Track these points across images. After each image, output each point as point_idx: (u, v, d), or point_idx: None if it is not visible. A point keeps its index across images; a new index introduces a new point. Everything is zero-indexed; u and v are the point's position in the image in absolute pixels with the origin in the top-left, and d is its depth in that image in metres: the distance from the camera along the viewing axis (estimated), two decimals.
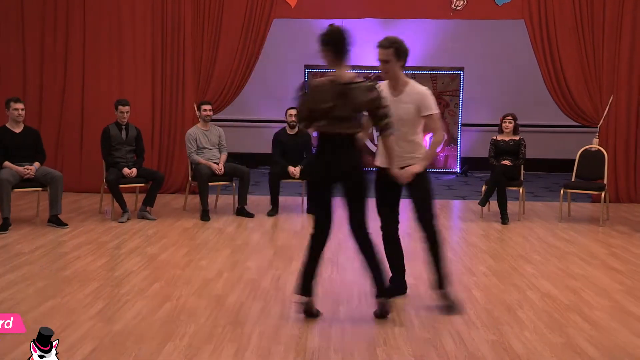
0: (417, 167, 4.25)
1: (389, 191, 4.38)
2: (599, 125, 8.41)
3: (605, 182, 7.48)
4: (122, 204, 7.03)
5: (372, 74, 11.68)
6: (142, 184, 7.35)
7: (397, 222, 4.59)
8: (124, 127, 7.24)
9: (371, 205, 4.20)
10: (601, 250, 6.12)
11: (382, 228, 4.54)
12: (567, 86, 8.56)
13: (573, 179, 7.67)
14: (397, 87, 4.31)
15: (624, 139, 8.57)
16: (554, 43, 8.53)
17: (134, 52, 8.77)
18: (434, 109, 4.28)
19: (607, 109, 8.41)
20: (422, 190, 4.31)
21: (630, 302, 4.53)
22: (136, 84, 8.75)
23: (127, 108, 7.21)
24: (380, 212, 4.50)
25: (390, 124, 4.00)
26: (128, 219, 7.02)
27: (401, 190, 4.38)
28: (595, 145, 7.90)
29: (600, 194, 7.36)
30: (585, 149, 7.78)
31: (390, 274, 4.51)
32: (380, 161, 4.37)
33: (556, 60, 8.56)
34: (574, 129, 10.42)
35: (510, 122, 7.49)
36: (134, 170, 7.15)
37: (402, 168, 4.23)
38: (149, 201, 7.20)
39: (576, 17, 8.46)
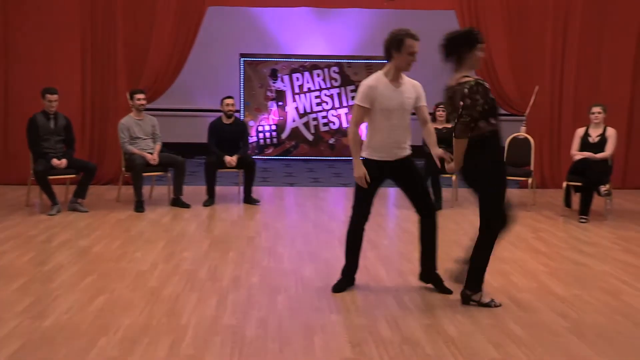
0: (445, 154, 4.36)
1: (375, 184, 4.38)
2: (526, 114, 8.73)
3: (532, 168, 7.77)
4: (52, 196, 6.80)
5: (307, 62, 11.72)
6: (73, 175, 7.13)
7: None
8: (52, 116, 6.99)
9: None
10: (528, 234, 6.37)
11: (363, 221, 4.44)
12: (497, 76, 8.83)
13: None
14: (398, 79, 4.31)
15: (548, 127, 8.94)
16: (484, 33, 8.72)
17: (62, 37, 8.43)
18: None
19: (533, 98, 8.72)
20: (422, 180, 4.50)
21: (553, 283, 4.74)
22: (65, 70, 8.43)
23: (55, 97, 6.95)
24: (366, 205, 4.42)
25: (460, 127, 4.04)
26: (58, 212, 6.80)
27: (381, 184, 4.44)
28: (522, 133, 8.19)
29: (527, 180, 7.65)
30: (514, 137, 8.06)
31: (352, 268, 4.55)
32: (368, 153, 4.35)
33: (486, 50, 8.77)
34: (503, 118, 10.71)
35: (443, 111, 7.66)
36: (64, 161, 6.92)
37: (405, 158, 4.36)
38: (80, 193, 6.99)
39: (504, 9, 8.73)
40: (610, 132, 7.07)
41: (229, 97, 7.81)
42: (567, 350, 3.57)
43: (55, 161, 6.85)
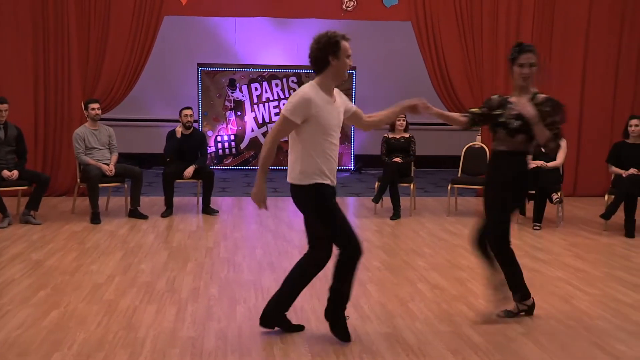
0: None
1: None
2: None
3: None
4: (2, 208, 6.62)
5: (266, 72, 11.72)
6: (25, 187, 6.95)
7: None
8: (2, 126, 6.81)
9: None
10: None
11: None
12: (452, 86, 9.00)
13: (459, 175, 8.07)
14: (333, 91, 3.78)
15: None
16: (439, 44, 8.93)
17: (12, 44, 8.20)
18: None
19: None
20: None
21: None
22: (15, 79, 8.20)
23: (5, 106, 6.78)
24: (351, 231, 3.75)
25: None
26: (9, 224, 6.61)
27: None
28: (478, 142, 8.36)
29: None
30: (470, 146, 8.21)
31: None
32: (321, 178, 3.72)
33: (442, 61, 8.97)
34: (459, 127, 10.95)
35: (403, 120, 7.76)
36: (15, 172, 6.74)
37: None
38: (32, 205, 6.82)
39: (458, 20, 8.93)
40: (561, 141, 7.26)
41: (188, 107, 7.75)
42: (522, 355, 3.64)
43: (6, 173, 6.67)
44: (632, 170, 6.86)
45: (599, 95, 9.34)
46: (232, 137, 11.74)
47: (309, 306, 4.37)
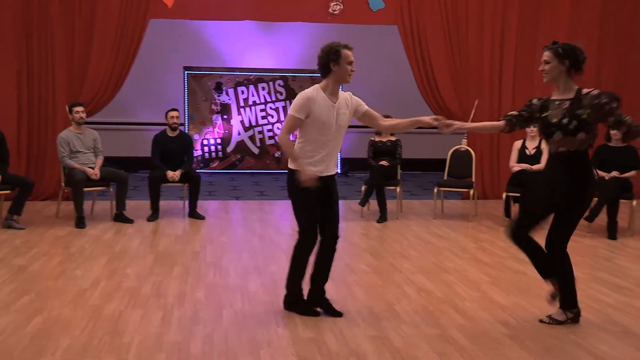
0: None
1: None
2: None
3: (473, 180, 7.98)
4: None
5: (252, 76, 11.71)
6: (8, 192, 6.88)
7: None
8: None
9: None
10: (471, 244, 6.52)
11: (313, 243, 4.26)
12: (438, 90, 9.05)
13: (445, 178, 8.11)
14: (336, 94, 4.19)
15: (488, 140, 9.22)
16: (425, 48, 8.98)
17: None
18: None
19: (473, 111, 8.96)
20: (337, 204, 4.39)
21: (495, 292, 4.87)
22: None
23: None
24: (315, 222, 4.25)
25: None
26: None
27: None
28: (464, 145, 8.40)
29: (469, 192, 7.85)
30: (455, 149, 8.26)
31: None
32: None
33: (427, 65, 9.02)
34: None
35: None
36: None
37: (331, 176, 4.24)
38: (16, 209, 6.75)
39: (444, 24, 8.99)
40: (545, 144, 7.34)
41: (174, 109, 7.73)
42: (508, 357, 3.67)
43: None
44: (614, 173, 6.93)
45: None
46: (219, 141, 11.71)
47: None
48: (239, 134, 11.77)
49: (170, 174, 7.39)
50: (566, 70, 4.06)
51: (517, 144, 7.52)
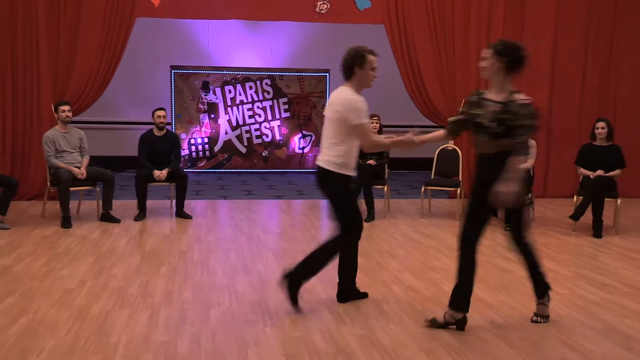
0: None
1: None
2: None
3: (460, 178, 8.02)
4: None
5: (239, 75, 11.69)
6: None
7: None
8: None
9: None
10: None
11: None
12: (425, 89, 9.08)
13: (432, 177, 8.14)
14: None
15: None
16: (412, 47, 9.01)
17: None
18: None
19: (460, 109, 9.00)
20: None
21: (481, 290, 4.90)
22: None
23: None
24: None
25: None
26: None
27: None
28: (450, 144, 8.44)
29: (457, 190, 7.89)
30: (443, 148, 8.29)
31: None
32: (345, 170, 4.28)
33: (414, 64, 9.05)
34: (432, 129, 11.04)
35: (376, 123, 7.79)
36: None
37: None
38: (0, 209, 6.69)
39: (430, 23, 9.03)
40: (531, 143, 7.37)
41: (161, 108, 7.69)
42: (495, 354, 3.69)
43: None
44: (599, 172, 6.99)
45: (567, 98, 9.52)
46: (206, 140, 11.68)
47: (284, 309, 4.36)
48: (226, 133, 11.74)
49: (157, 173, 7.36)
50: (504, 67, 3.96)
51: None
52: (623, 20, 9.49)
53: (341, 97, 4.18)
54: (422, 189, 7.96)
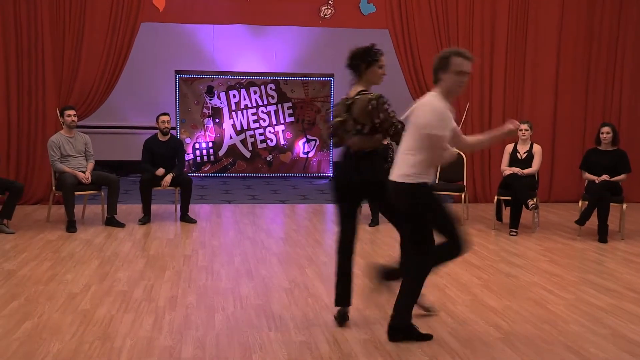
0: None
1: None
2: None
3: (464, 183, 8.01)
4: None
5: (244, 79, 11.71)
6: None
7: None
8: None
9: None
10: None
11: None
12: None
13: (437, 181, 8.13)
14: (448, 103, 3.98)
15: None
16: (416, 52, 9.02)
17: None
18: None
19: (464, 115, 9.02)
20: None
21: (486, 295, 4.89)
22: None
23: None
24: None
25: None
26: None
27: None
28: (454, 149, 8.42)
29: (461, 195, 7.87)
30: None
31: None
32: (425, 178, 3.87)
33: (418, 68, 9.06)
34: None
35: None
36: None
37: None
38: (5, 213, 6.72)
39: (434, 28, 9.04)
40: (537, 148, 7.38)
41: (165, 113, 7.71)
42: None
43: None
44: (604, 177, 6.97)
45: (572, 102, 9.51)
46: (210, 145, 11.70)
47: (288, 314, 4.36)
48: (231, 137, 11.76)
49: (161, 170, 7.37)
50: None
51: (509, 147, 7.55)
52: (628, 24, 9.48)
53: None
54: None
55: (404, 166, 3.85)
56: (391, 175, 3.93)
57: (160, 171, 7.38)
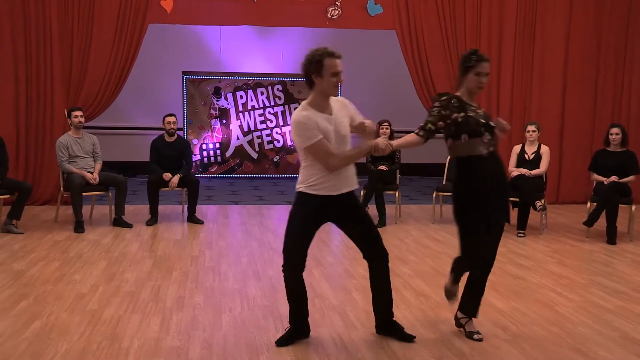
0: None
1: (314, 225, 3.85)
2: None
3: None
4: None
5: (251, 80, 11.72)
6: (7, 196, 6.88)
7: None
8: None
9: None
10: None
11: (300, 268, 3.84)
12: (436, 94, 9.06)
13: (444, 182, 8.11)
14: (327, 106, 3.70)
15: None
16: (423, 52, 9.01)
17: None
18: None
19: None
20: (371, 221, 4.17)
21: (492, 296, 4.87)
22: None
23: None
24: (300, 247, 3.82)
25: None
26: None
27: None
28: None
29: None
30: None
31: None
32: (309, 189, 3.78)
33: (425, 69, 9.05)
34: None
35: (386, 129, 7.78)
36: None
37: (346, 194, 3.79)
38: (14, 214, 6.75)
39: (442, 29, 9.03)
40: (544, 149, 7.35)
41: (171, 114, 7.73)
42: None
43: None
44: (613, 178, 6.93)
45: (580, 103, 9.47)
46: (218, 145, 11.72)
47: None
48: (238, 138, 11.77)
49: (167, 176, 7.39)
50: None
51: (516, 148, 7.53)
52: (637, 25, 9.43)
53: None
54: (434, 195, 7.94)
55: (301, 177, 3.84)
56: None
57: (167, 176, 7.40)
